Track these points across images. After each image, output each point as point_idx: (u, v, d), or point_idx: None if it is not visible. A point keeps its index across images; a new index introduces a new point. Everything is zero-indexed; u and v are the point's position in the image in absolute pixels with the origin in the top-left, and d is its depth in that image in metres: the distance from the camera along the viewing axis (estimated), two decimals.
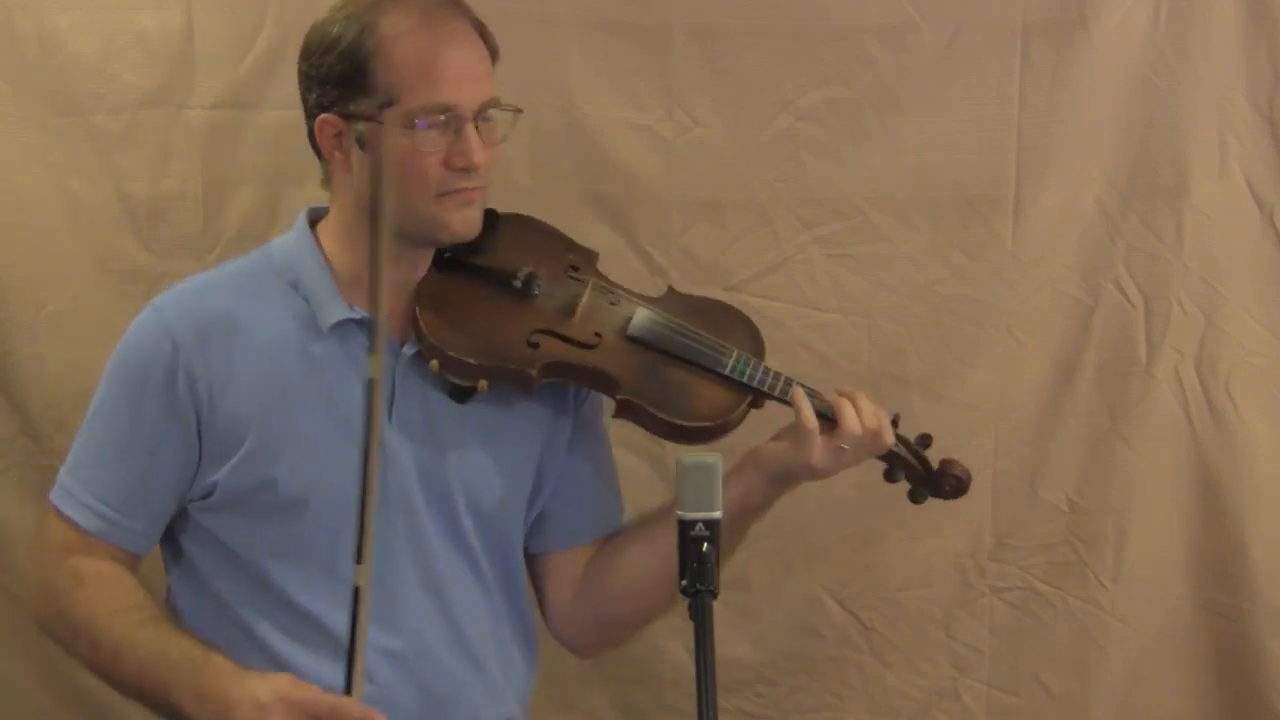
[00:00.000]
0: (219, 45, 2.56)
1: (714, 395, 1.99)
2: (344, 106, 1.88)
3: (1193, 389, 2.64)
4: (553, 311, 1.99)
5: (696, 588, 1.64)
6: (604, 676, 2.66)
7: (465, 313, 1.96)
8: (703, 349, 2.01)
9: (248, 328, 1.91)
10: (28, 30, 2.55)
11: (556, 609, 2.09)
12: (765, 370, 2.00)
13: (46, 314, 2.61)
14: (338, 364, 1.92)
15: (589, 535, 2.07)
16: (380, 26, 1.86)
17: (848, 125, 2.59)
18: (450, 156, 1.89)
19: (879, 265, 2.62)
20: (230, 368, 1.90)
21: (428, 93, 1.86)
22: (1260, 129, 2.59)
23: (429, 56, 1.87)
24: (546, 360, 1.94)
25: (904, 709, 2.72)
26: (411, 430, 1.95)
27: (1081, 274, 2.63)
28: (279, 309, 1.93)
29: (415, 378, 1.95)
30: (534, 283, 1.99)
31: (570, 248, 2.08)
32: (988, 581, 2.69)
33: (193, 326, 1.90)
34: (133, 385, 1.92)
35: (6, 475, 2.64)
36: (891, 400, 2.01)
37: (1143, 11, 2.56)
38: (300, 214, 2.02)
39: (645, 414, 1.96)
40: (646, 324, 2.01)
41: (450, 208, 1.91)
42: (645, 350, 2.00)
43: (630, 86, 2.57)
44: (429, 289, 1.97)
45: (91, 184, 2.59)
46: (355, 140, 1.88)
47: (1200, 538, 2.67)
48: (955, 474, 2.07)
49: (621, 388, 1.96)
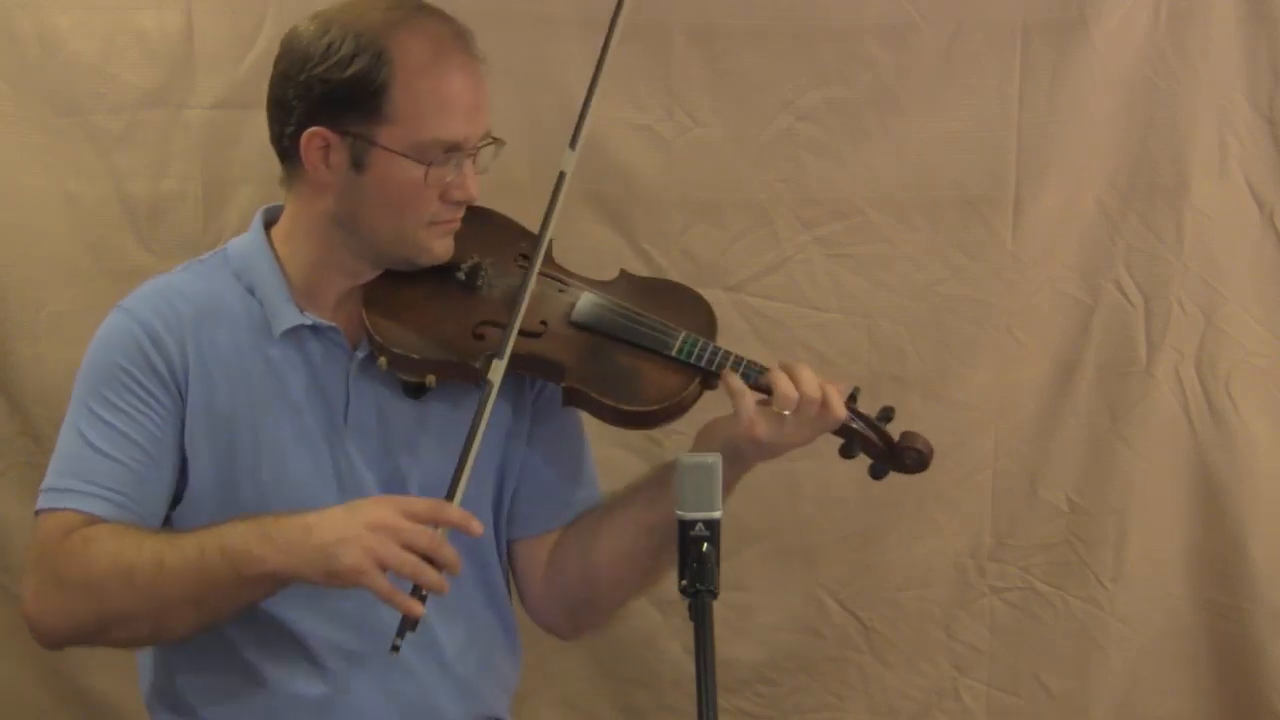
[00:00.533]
0: (219, 45, 2.56)
1: (661, 378, 1.94)
2: (339, 123, 1.87)
3: (1193, 389, 2.64)
4: (497, 302, 1.97)
5: (696, 588, 1.63)
6: (604, 676, 2.66)
7: (411, 309, 1.95)
8: (648, 331, 1.97)
9: (212, 329, 1.92)
10: (28, 30, 2.55)
11: (529, 593, 2.09)
12: (715, 350, 1.94)
13: (46, 314, 2.61)
14: (294, 369, 1.93)
15: (556, 522, 2.07)
16: (396, 54, 1.85)
17: (848, 125, 2.59)
18: (449, 189, 1.90)
19: (879, 265, 2.62)
20: (201, 365, 1.91)
21: (439, 127, 1.86)
22: (1260, 129, 2.59)
23: (444, 92, 1.86)
24: (491, 351, 1.91)
25: (904, 709, 2.72)
26: (365, 433, 1.95)
27: (1081, 274, 2.63)
28: (238, 312, 1.94)
29: (369, 381, 1.95)
30: (478, 274, 1.97)
31: (522, 236, 2.05)
32: (988, 581, 2.69)
33: (163, 324, 1.91)
34: (113, 382, 1.89)
35: (6, 475, 2.64)
36: (891, 400, 2.00)
37: (1143, 11, 2.56)
38: (256, 215, 2.02)
39: (591, 400, 1.93)
40: (590, 308, 1.98)
41: (435, 235, 1.93)
42: (590, 335, 1.97)
43: (630, 86, 2.57)
44: (376, 288, 1.96)
45: (91, 184, 2.59)
46: (349, 159, 1.88)
47: (1200, 538, 2.67)
48: (916, 446, 1.96)
49: (567, 374, 1.93)
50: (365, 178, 1.88)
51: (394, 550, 1.72)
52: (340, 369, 1.94)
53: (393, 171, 1.87)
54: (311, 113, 1.88)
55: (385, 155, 1.86)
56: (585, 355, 1.96)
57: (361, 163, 1.88)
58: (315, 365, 1.94)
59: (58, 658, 2.67)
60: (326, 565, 1.72)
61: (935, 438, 2.06)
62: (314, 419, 1.93)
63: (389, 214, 1.90)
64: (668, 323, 1.98)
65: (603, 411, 1.94)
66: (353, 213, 1.91)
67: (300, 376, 1.93)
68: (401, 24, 1.87)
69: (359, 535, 1.72)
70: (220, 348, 1.92)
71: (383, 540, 1.72)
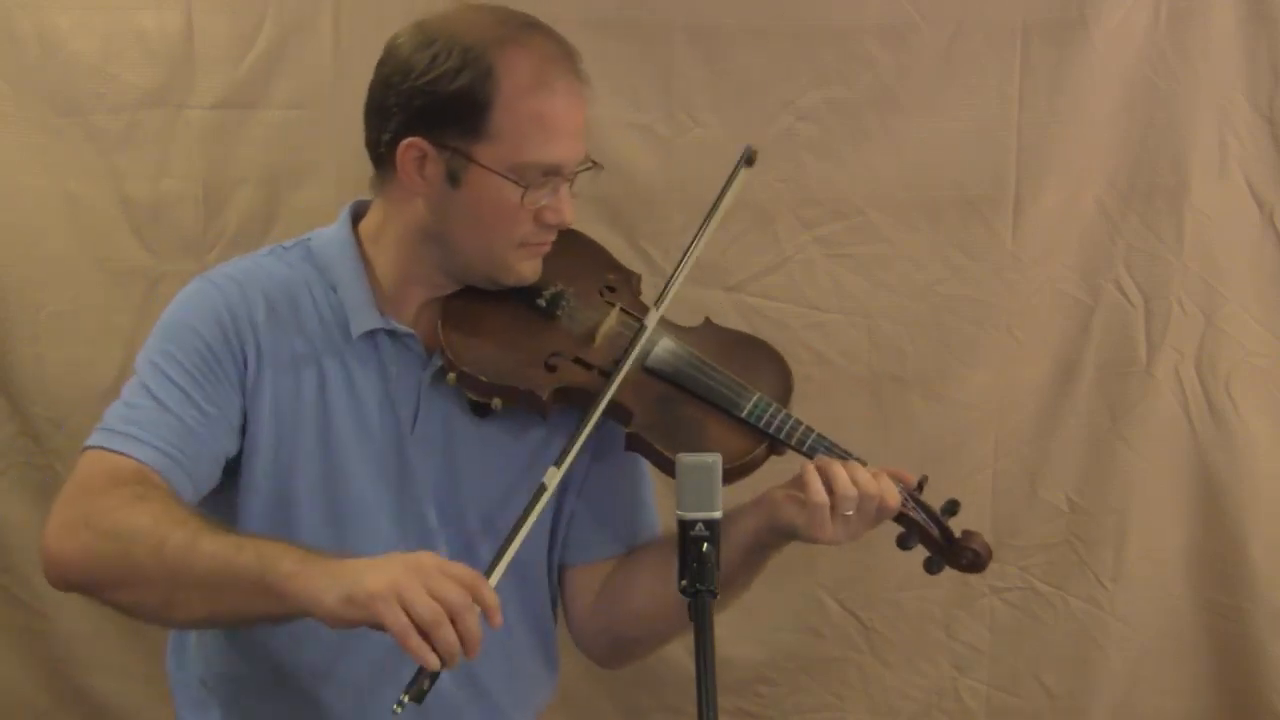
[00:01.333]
0: (219, 45, 2.56)
1: (727, 438, 1.88)
2: (438, 136, 1.84)
3: (1193, 389, 2.64)
4: (574, 334, 1.93)
5: (696, 588, 1.63)
6: (605, 677, 2.66)
7: (487, 329, 1.91)
8: (721, 388, 1.91)
9: (294, 316, 1.90)
10: (28, 30, 2.55)
11: (575, 619, 2.07)
12: (787, 417, 1.89)
13: (46, 314, 2.61)
14: (366, 371, 1.91)
15: (610, 552, 2.04)
16: (502, 72, 1.81)
17: (848, 125, 2.59)
18: (543, 212, 1.87)
19: (879, 265, 2.62)
20: (279, 349, 1.88)
21: (540, 150, 1.84)
22: (1260, 129, 2.59)
23: (547, 115, 1.84)
24: (559, 384, 1.89)
25: (904, 709, 2.72)
26: (430, 446, 1.93)
27: (1081, 274, 2.63)
28: (318, 306, 1.91)
29: (439, 393, 1.92)
30: (559, 302, 1.93)
31: (611, 267, 2.03)
32: (988, 581, 2.69)
33: (245, 297, 1.88)
34: (185, 346, 1.85)
35: (6, 475, 2.65)
36: (891, 400, 2.01)
37: (1143, 11, 2.56)
38: (344, 211, 1.99)
39: (652, 450, 1.89)
40: (666, 356, 1.94)
41: (524, 257, 1.90)
42: (661, 383, 1.93)
43: (630, 86, 2.57)
44: (455, 303, 1.93)
45: (91, 184, 2.59)
46: (445, 172, 1.85)
47: (1200, 538, 2.67)
48: (973, 547, 1.91)
49: (633, 420, 1.89)
50: (459, 193, 1.85)
51: (420, 593, 1.60)
52: (413, 377, 1.92)
53: (488, 190, 1.84)
54: (411, 123, 1.84)
55: (482, 173, 1.83)
56: (654, 403, 1.91)
57: (457, 178, 1.84)
58: (389, 370, 1.91)
59: (58, 658, 2.67)
60: (349, 588, 1.61)
61: (935, 438, 2.06)
62: (381, 423, 1.90)
63: (480, 231, 1.87)
64: (743, 382, 1.93)
65: (662, 463, 1.88)
66: (443, 226, 1.88)
67: (373, 380, 1.90)
68: (509, 41, 1.83)
69: (390, 567, 1.63)
70: (297, 339, 1.89)
71: (412, 580, 1.61)
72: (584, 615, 2.05)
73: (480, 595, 1.64)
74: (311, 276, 1.93)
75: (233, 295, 1.88)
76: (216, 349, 1.85)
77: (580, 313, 1.95)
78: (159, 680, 2.64)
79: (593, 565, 2.04)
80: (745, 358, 1.98)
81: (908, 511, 1.89)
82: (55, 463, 2.63)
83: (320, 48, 2.57)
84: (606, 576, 2.04)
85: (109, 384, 2.61)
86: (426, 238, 1.90)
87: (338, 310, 1.91)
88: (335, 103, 2.56)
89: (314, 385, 1.89)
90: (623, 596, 2.01)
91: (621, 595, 2.01)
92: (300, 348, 1.89)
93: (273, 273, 1.92)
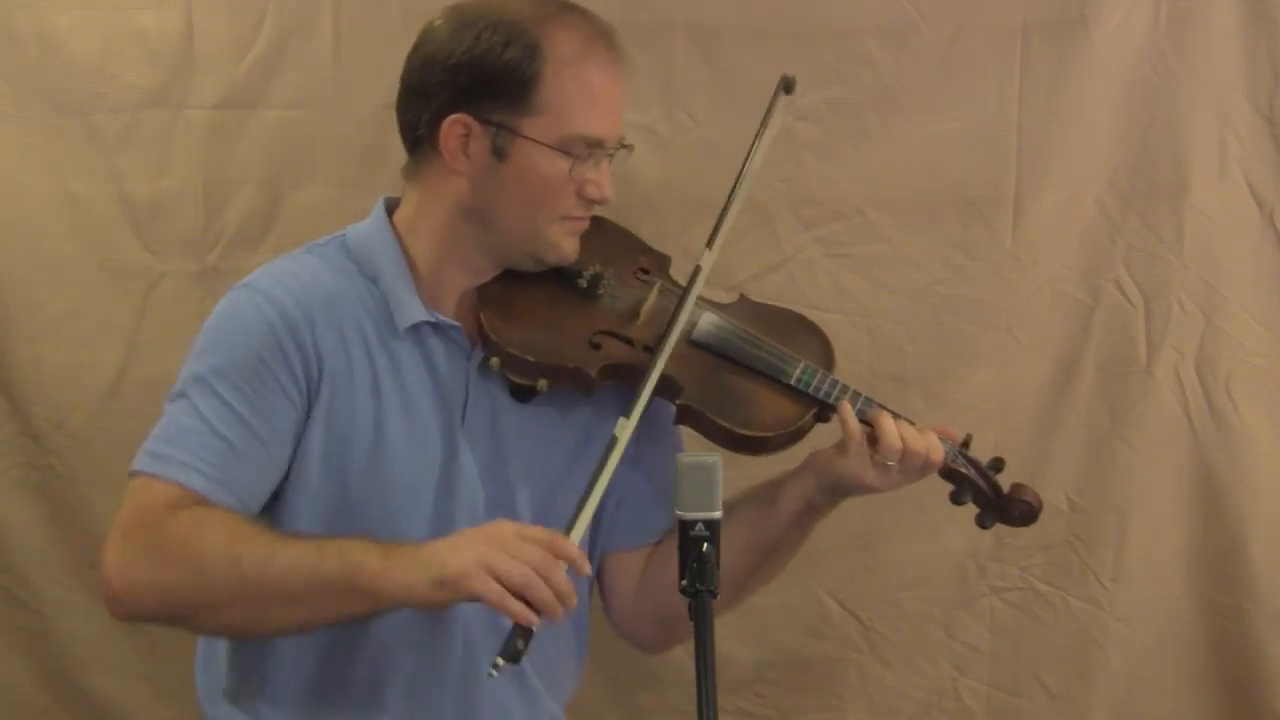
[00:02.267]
0: (219, 45, 2.56)
1: (777, 405, 1.94)
2: (483, 111, 1.86)
3: (1193, 389, 2.64)
4: (617, 313, 1.97)
5: (696, 588, 1.64)
6: (605, 678, 2.66)
7: (528, 311, 1.94)
8: (768, 357, 1.96)
9: (342, 315, 1.89)
10: (28, 30, 2.55)
11: (618, 605, 2.08)
12: (833, 383, 1.94)
13: (46, 314, 2.61)
14: (415, 365, 1.91)
15: (654, 536, 2.05)
16: (547, 47, 1.84)
17: (848, 125, 2.59)
18: (586, 187, 1.90)
19: (879, 265, 2.62)
20: (335, 352, 1.87)
21: (585, 122, 1.86)
22: (1260, 129, 2.59)
23: (592, 88, 1.87)
24: (607, 361, 1.91)
25: (904, 709, 2.72)
26: (479, 436, 1.93)
27: (1081, 274, 2.63)
28: (361, 302, 1.91)
29: (486, 383, 1.93)
30: (600, 283, 1.97)
31: (643, 250, 2.06)
32: (988, 581, 2.69)
33: (300, 306, 1.86)
34: (244, 368, 1.83)
35: (6, 475, 2.64)
36: (891, 400, 2.00)
37: (1143, 11, 2.56)
38: (378, 204, 1.99)
39: (705, 420, 1.92)
40: (711, 329, 1.98)
41: (566, 232, 1.92)
42: (709, 356, 1.96)
43: (630, 86, 2.56)
44: (494, 289, 1.95)
45: (91, 184, 2.59)
46: (491, 147, 1.87)
47: (1200, 538, 2.67)
48: (1025, 499, 1.98)
49: (682, 393, 1.92)
50: (505, 168, 1.87)
51: (504, 559, 1.67)
52: (460, 369, 1.92)
53: (537, 163, 1.86)
54: (455, 100, 1.86)
55: (529, 146, 1.85)
56: (702, 375, 1.94)
57: (503, 152, 1.86)
58: (436, 363, 1.91)
59: (58, 657, 2.67)
60: (438, 572, 1.67)
61: None
62: (435, 418, 1.91)
63: (525, 206, 1.88)
64: (788, 350, 1.97)
65: (715, 433, 1.93)
66: (487, 203, 1.89)
67: (421, 374, 1.91)
68: (552, 19, 1.87)
69: (471, 543, 1.69)
70: (346, 338, 1.88)
71: (495, 550, 1.68)
72: (628, 599, 2.06)
73: (562, 550, 1.71)
74: (352, 272, 1.93)
75: (283, 301, 1.86)
76: (269, 360, 1.84)
77: (621, 291, 1.99)
78: (159, 680, 2.66)
79: (634, 551, 2.05)
80: (785, 328, 2.03)
81: (957, 467, 1.96)
82: (55, 463, 2.63)
83: (320, 48, 2.57)
84: (647, 560, 2.05)
85: (109, 384, 2.61)
86: (468, 217, 1.90)
87: (381, 304, 1.91)
88: (335, 103, 2.56)
89: (367, 383, 1.89)
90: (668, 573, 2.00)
91: (666, 572, 1.99)
92: (353, 345, 1.89)
93: (317, 271, 1.92)
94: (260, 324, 1.85)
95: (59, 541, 2.64)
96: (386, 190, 2.03)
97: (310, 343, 1.86)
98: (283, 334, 1.85)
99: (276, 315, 1.85)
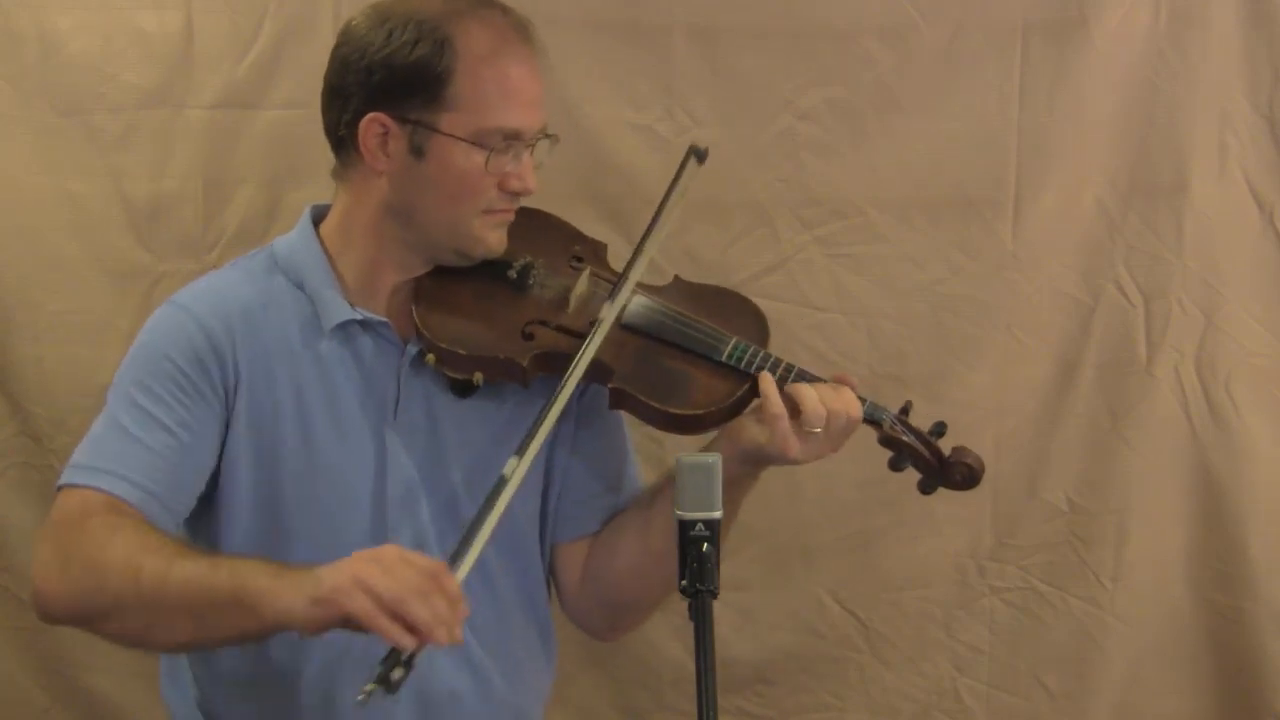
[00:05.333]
0: (219, 45, 2.56)
1: (710, 383, 1.92)
2: (399, 109, 1.87)
3: (1193, 389, 2.64)
4: (547, 302, 1.97)
5: (696, 588, 1.63)
6: (604, 677, 2.66)
7: (460, 305, 1.94)
8: (699, 335, 1.95)
9: (264, 325, 1.90)
10: (28, 30, 2.55)
11: (566, 594, 2.08)
12: (766, 357, 1.92)
13: (46, 314, 2.61)
14: (343, 365, 1.92)
15: (595, 526, 2.05)
16: (460, 42, 1.85)
17: (848, 125, 2.59)
18: (507, 179, 1.90)
19: (879, 265, 2.62)
20: (254, 363, 1.89)
21: (501, 115, 1.87)
22: (1260, 129, 2.59)
23: (506, 81, 1.87)
24: (539, 351, 1.92)
25: (904, 709, 2.72)
26: (414, 431, 1.94)
27: (1081, 274, 2.63)
28: (287, 308, 1.92)
29: (419, 379, 1.94)
30: (530, 273, 1.97)
31: (576, 239, 2.06)
32: (988, 581, 2.69)
33: (218, 320, 1.88)
34: (159, 374, 1.85)
35: (6, 475, 2.64)
36: (891, 400, 2.00)
37: (1143, 11, 2.56)
38: (304, 212, 2.01)
39: (638, 403, 1.92)
40: (640, 311, 1.97)
41: (490, 226, 1.92)
42: (639, 338, 1.96)
43: (630, 86, 2.57)
44: (426, 285, 1.95)
45: (91, 184, 2.59)
46: (409, 145, 1.87)
47: (1200, 538, 2.67)
48: (966, 462, 1.94)
49: (614, 376, 1.92)
50: (424, 165, 1.87)
51: (381, 577, 1.63)
52: (391, 365, 1.93)
53: (454, 158, 1.86)
54: (371, 99, 1.87)
55: (446, 142, 1.86)
56: (634, 358, 1.94)
57: (421, 150, 1.87)
58: (365, 361, 1.92)
59: (58, 657, 2.67)
60: (314, 589, 1.64)
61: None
62: (363, 415, 1.91)
63: (446, 202, 1.89)
64: (719, 328, 1.96)
65: (650, 415, 1.92)
66: (408, 202, 1.90)
67: (350, 372, 1.92)
68: (464, 14, 1.88)
69: (349, 562, 1.66)
70: (269, 346, 1.89)
71: (373, 569, 1.64)
72: (575, 587, 2.06)
73: (444, 583, 1.66)
74: (278, 282, 1.94)
75: (202, 315, 1.88)
76: (190, 372, 1.86)
77: (551, 280, 1.98)
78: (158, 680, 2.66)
79: (578, 541, 2.05)
80: (718, 306, 2.02)
81: (895, 434, 1.93)
82: (55, 463, 2.63)
83: (320, 48, 2.54)
84: (589, 548, 2.05)
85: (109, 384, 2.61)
86: (393, 216, 1.91)
87: (307, 309, 1.92)
88: None
89: (290, 389, 1.89)
90: (610, 560, 2.02)
91: (609, 559, 2.02)
92: (275, 354, 1.90)
93: (238, 285, 1.94)
94: (179, 337, 1.87)
95: None
96: None
97: (229, 353, 1.87)
98: (201, 346, 1.87)
99: (196, 329, 1.87)
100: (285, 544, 1.88)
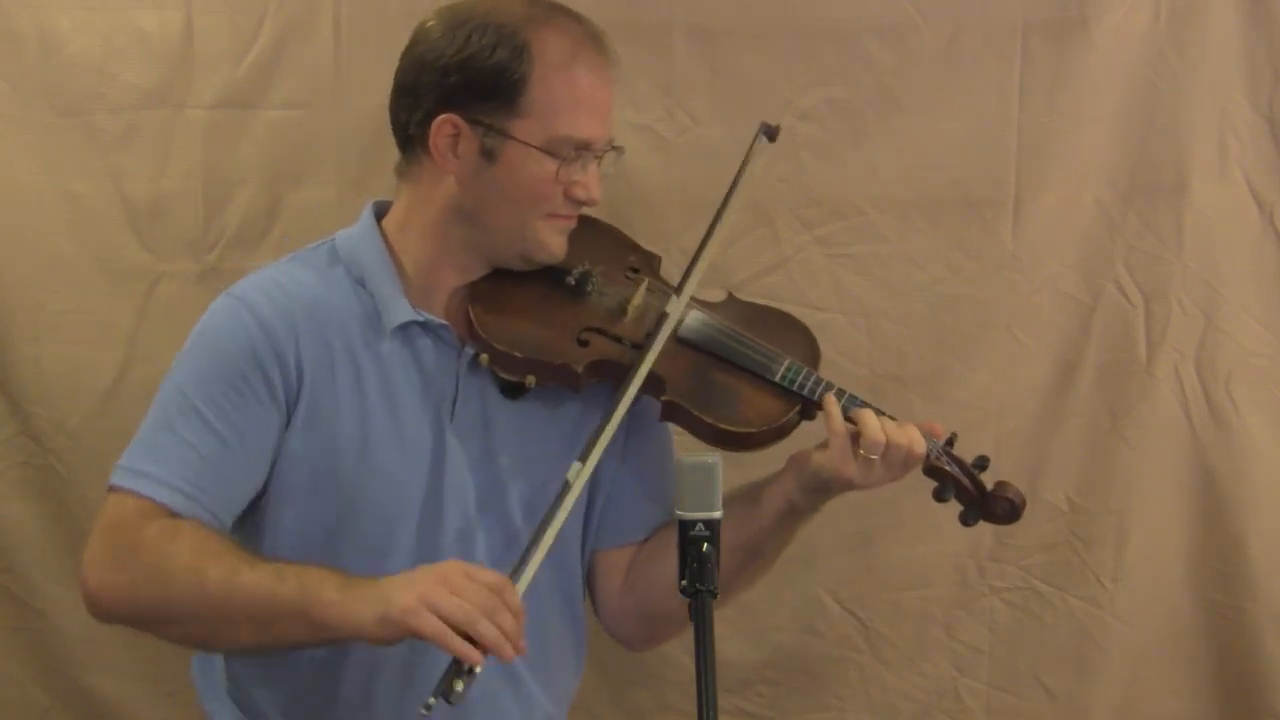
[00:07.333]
0: (219, 45, 2.56)
1: (762, 402, 1.96)
2: (472, 112, 1.87)
3: (1193, 389, 2.64)
4: (604, 310, 1.98)
5: (696, 588, 1.64)
6: (604, 677, 2.66)
7: (517, 308, 1.95)
8: (753, 354, 1.98)
9: (322, 325, 1.90)
10: (28, 30, 2.55)
11: (604, 602, 2.08)
12: (818, 380, 1.96)
13: (46, 314, 2.61)
14: (403, 366, 1.92)
15: (638, 535, 2.06)
16: (536, 49, 1.86)
17: (848, 125, 2.59)
18: (573, 188, 1.91)
19: (879, 265, 2.62)
20: (317, 361, 1.88)
21: (573, 125, 1.88)
22: (1260, 129, 2.59)
23: (580, 90, 1.88)
24: (593, 358, 1.93)
25: (904, 709, 2.72)
26: (469, 432, 1.94)
27: (1081, 274, 2.63)
28: (348, 305, 1.92)
29: (476, 380, 1.94)
30: (588, 281, 1.98)
31: (632, 250, 2.08)
32: (988, 581, 2.69)
33: (282, 318, 1.88)
34: (218, 377, 1.85)
35: (6, 475, 2.64)
36: (891, 400, 2.01)
37: (1143, 11, 2.56)
38: (366, 208, 2.00)
39: (690, 417, 1.94)
40: (697, 326, 1.99)
41: (553, 231, 1.94)
42: (695, 353, 1.98)
43: (630, 86, 2.57)
44: (484, 286, 1.96)
45: (91, 184, 2.59)
46: (480, 148, 1.88)
47: (1200, 538, 2.67)
48: (1008, 497, 1.99)
49: (667, 389, 1.94)
50: (494, 168, 1.89)
51: (448, 597, 1.67)
52: (450, 367, 1.93)
53: (525, 165, 1.88)
54: (445, 100, 1.88)
55: (518, 148, 1.87)
56: (688, 372, 1.96)
57: (492, 153, 1.88)
58: (424, 362, 1.92)
59: (58, 657, 2.67)
60: (383, 609, 1.68)
61: None
62: (420, 415, 1.92)
63: (512, 206, 1.90)
64: (773, 348, 1.99)
65: (701, 429, 1.94)
66: (475, 204, 1.91)
67: (410, 372, 1.92)
68: (542, 21, 1.89)
69: (419, 581, 1.70)
70: (330, 344, 1.90)
71: (440, 588, 1.68)
72: (615, 596, 2.07)
73: (507, 600, 1.70)
74: (340, 276, 1.94)
75: (265, 313, 1.88)
76: (249, 374, 1.86)
77: (609, 289, 2.00)
78: (159, 680, 2.66)
79: (620, 549, 2.06)
80: (772, 327, 2.05)
81: (941, 465, 1.96)
82: (55, 463, 2.63)
83: (320, 48, 2.57)
84: (632, 558, 2.05)
85: (109, 384, 2.61)
86: (458, 217, 1.92)
87: (369, 307, 1.92)
88: (335, 103, 2.56)
89: (351, 387, 1.90)
90: (653, 570, 2.02)
91: (652, 570, 2.02)
92: (337, 352, 1.90)
93: (301, 279, 1.93)
94: (239, 333, 1.87)
95: (59, 541, 2.63)
96: (386, 190, 2.03)
97: (291, 353, 1.87)
98: (260, 344, 1.86)
99: (256, 325, 1.87)
100: (334, 539, 1.89)
